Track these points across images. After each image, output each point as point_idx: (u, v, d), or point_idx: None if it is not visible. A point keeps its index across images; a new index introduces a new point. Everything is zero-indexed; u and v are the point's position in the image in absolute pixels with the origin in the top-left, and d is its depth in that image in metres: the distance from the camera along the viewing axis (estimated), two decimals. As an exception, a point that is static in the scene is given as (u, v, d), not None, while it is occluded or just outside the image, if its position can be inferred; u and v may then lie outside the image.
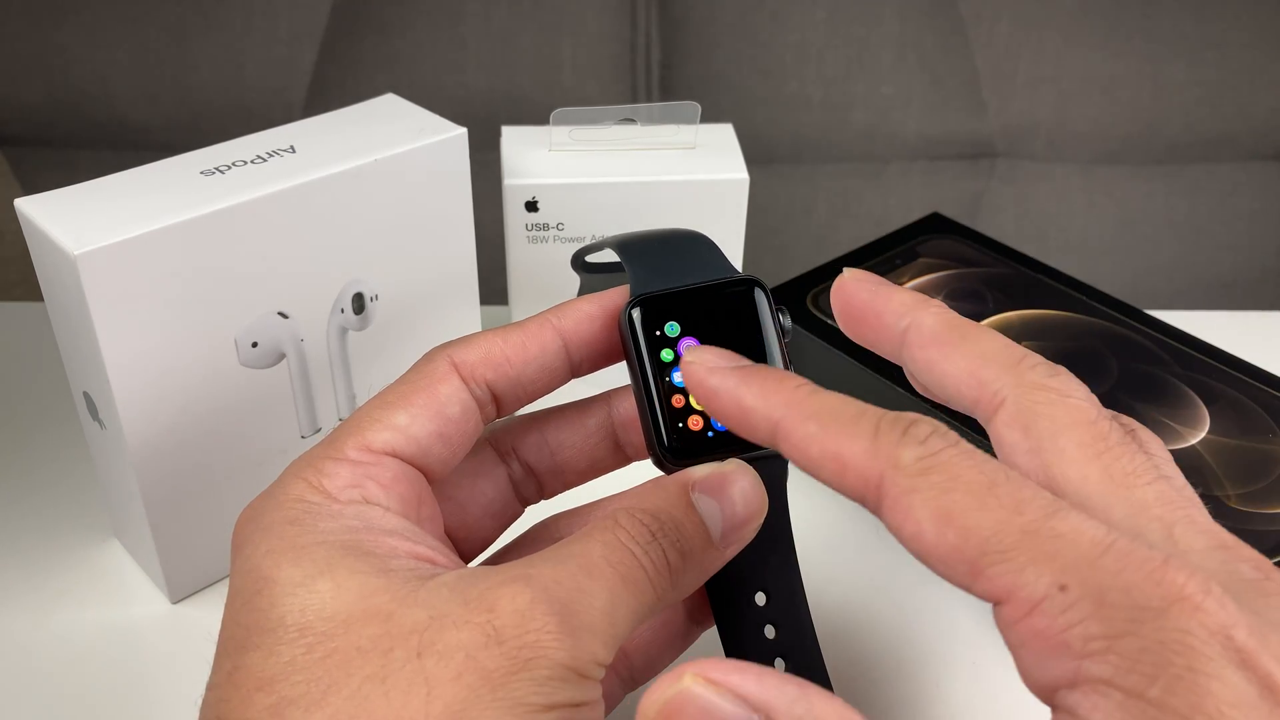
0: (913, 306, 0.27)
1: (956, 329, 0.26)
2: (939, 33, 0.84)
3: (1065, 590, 0.20)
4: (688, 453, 0.29)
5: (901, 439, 0.22)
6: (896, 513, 0.22)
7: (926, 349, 0.26)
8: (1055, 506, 0.21)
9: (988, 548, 0.21)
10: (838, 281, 0.28)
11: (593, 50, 0.83)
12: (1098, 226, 0.90)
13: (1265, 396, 0.43)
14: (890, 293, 0.27)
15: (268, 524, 0.26)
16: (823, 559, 0.42)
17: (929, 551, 0.22)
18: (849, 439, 0.23)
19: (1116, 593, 0.20)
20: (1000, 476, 0.22)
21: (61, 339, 0.37)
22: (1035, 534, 0.21)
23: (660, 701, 0.21)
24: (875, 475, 0.22)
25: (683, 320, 0.30)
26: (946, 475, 0.22)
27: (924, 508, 0.22)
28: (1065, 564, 0.20)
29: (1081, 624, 0.20)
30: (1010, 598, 0.21)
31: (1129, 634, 0.19)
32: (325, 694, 0.22)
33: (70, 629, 0.39)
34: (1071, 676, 0.20)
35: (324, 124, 0.41)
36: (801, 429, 0.24)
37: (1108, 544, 0.20)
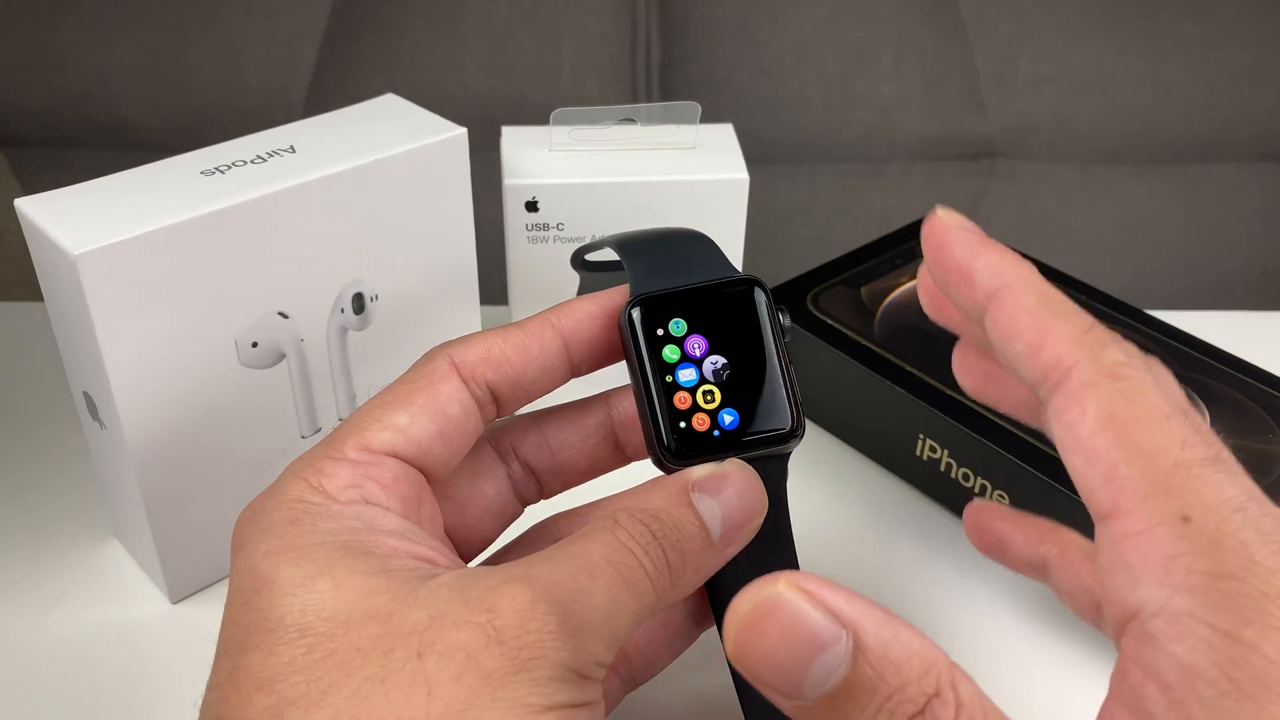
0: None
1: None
2: (939, 33, 0.84)
3: (1188, 522, 0.21)
4: (688, 453, 0.29)
5: (1112, 342, 0.23)
6: (1070, 400, 0.23)
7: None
8: (1215, 457, 0.22)
9: (1135, 460, 0.22)
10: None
11: (593, 50, 0.83)
12: (1098, 226, 0.90)
13: (1265, 396, 0.43)
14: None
15: (267, 524, 0.26)
16: (821, 558, 0.42)
17: (1079, 443, 0.22)
18: (1063, 320, 0.24)
19: (1235, 541, 0.21)
20: (1180, 416, 0.22)
21: (61, 339, 0.37)
22: (1185, 469, 0.21)
23: (753, 600, 0.21)
24: (1070, 360, 0.23)
25: (684, 319, 0.30)
26: (1134, 387, 0.22)
27: (1098, 402, 0.22)
28: (1197, 501, 0.21)
29: (1191, 555, 0.20)
30: (1130, 513, 0.21)
31: (1236, 578, 0.20)
32: (325, 694, 0.22)
33: (70, 629, 0.39)
34: (1162, 603, 0.21)
35: (324, 124, 0.41)
36: (1023, 298, 0.24)
37: (1243, 505, 0.21)
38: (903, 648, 0.21)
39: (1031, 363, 0.24)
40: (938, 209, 0.27)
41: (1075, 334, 0.23)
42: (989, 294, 0.25)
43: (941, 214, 0.27)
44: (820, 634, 0.21)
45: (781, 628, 0.21)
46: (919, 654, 0.21)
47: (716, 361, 0.29)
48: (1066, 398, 0.23)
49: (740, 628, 0.22)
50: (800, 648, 0.21)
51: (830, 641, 0.21)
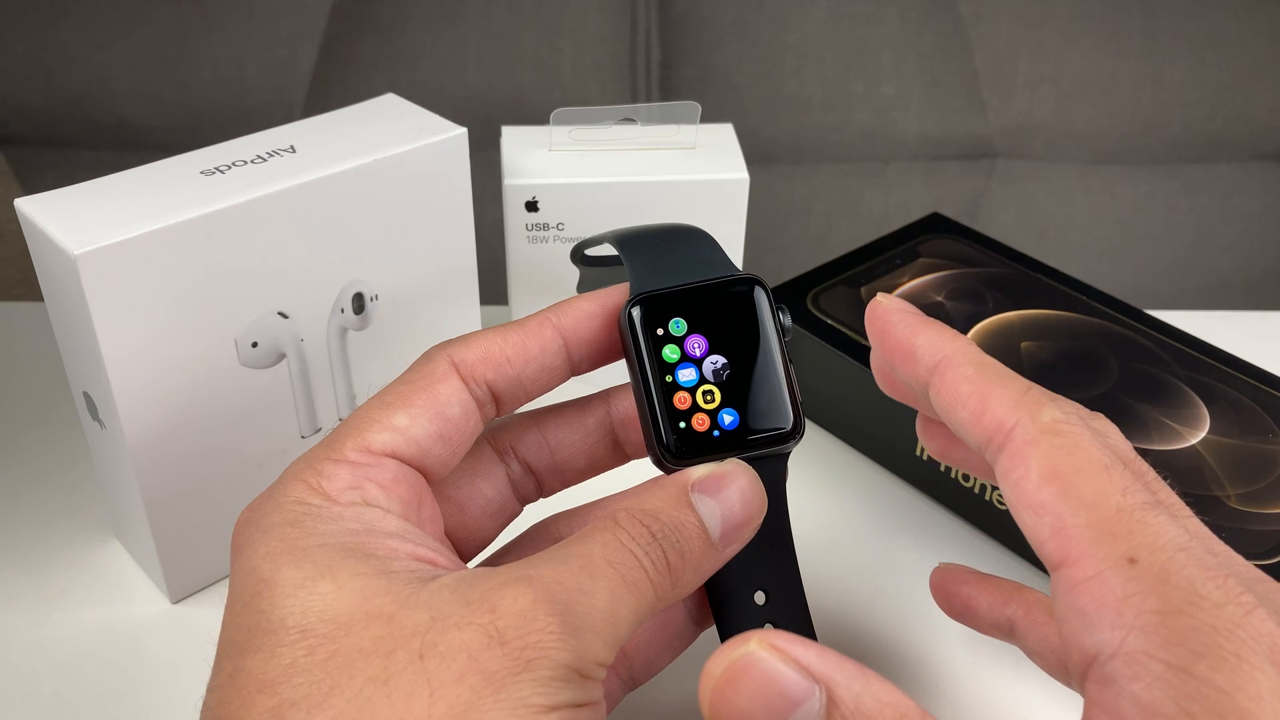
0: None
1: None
2: (939, 33, 0.84)
3: (1134, 563, 0.21)
4: (687, 452, 0.29)
5: (1048, 402, 0.25)
6: (1014, 458, 0.24)
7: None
8: (1154, 504, 0.23)
9: (1079, 510, 0.22)
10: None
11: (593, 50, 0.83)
12: (1098, 226, 0.90)
13: (1265, 396, 0.43)
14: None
15: (267, 526, 0.26)
16: (821, 558, 0.42)
17: (1026, 499, 0.23)
18: (1001, 387, 0.25)
19: (1180, 579, 0.21)
20: (1118, 465, 0.23)
21: (61, 339, 0.37)
22: (1127, 514, 0.22)
23: (726, 661, 0.22)
24: (1011, 422, 0.24)
25: (684, 318, 0.30)
26: (1072, 441, 0.24)
27: (1040, 459, 0.23)
28: (1141, 543, 0.22)
29: (1140, 595, 0.21)
30: (1079, 561, 0.22)
31: (1184, 614, 0.21)
32: (327, 696, 0.22)
33: (70, 629, 0.39)
34: (1117, 645, 0.21)
35: (324, 124, 0.41)
36: (962, 369, 0.26)
37: (1184, 545, 0.22)
38: (875, 700, 0.22)
39: (975, 428, 0.25)
40: (879, 296, 0.29)
41: (1013, 397, 0.25)
42: (930, 368, 0.27)
43: (881, 299, 0.29)
44: (793, 691, 0.22)
45: (755, 686, 0.22)
46: (891, 705, 0.22)
47: (716, 361, 0.29)
48: (1011, 457, 0.24)
49: (715, 688, 0.22)
50: (774, 705, 0.22)
51: (803, 697, 0.22)
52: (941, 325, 0.28)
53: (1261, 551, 0.37)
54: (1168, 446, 0.41)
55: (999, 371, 0.26)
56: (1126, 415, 0.42)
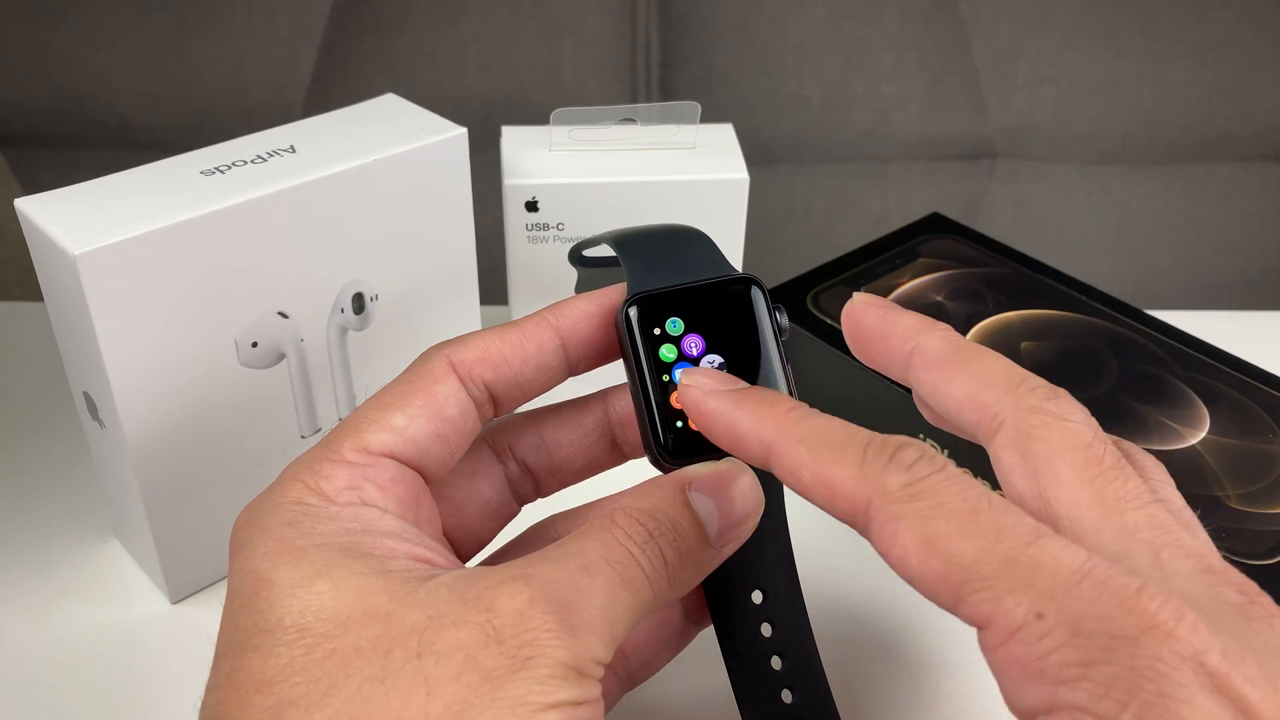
0: (918, 330, 0.27)
1: (960, 352, 0.26)
2: (939, 33, 0.84)
3: (1042, 618, 0.20)
4: (684, 452, 0.29)
5: (888, 465, 0.23)
6: (884, 538, 0.23)
7: (930, 371, 0.27)
8: (1035, 534, 0.21)
9: (969, 575, 0.21)
10: (847, 306, 0.29)
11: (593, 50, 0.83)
12: (1098, 226, 0.90)
13: (1265, 396, 0.43)
14: (898, 316, 0.28)
15: (265, 526, 0.26)
16: (820, 557, 0.42)
17: (915, 576, 0.22)
18: (837, 465, 0.24)
19: (1091, 620, 0.20)
20: (984, 504, 0.22)
21: (61, 339, 0.37)
22: (1015, 561, 0.21)
23: None
24: (863, 501, 0.23)
25: (680, 318, 0.30)
26: (931, 502, 0.22)
27: (909, 533, 0.22)
28: (1043, 592, 0.21)
29: (1058, 651, 0.20)
30: (990, 624, 0.21)
31: (1102, 661, 0.20)
32: (325, 695, 0.22)
33: (70, 629, 0.39)
34: (1049, 703, 0.20)
35: (324, 124, 0.41)
36: (792, 454, 0.25)
37: (1085, 571, 0.21)
38: None
39: (835, 513, 0.24)
40: (683, 376, 0.28)
41: (852, 472, 0.23)
42: (764, 455, 0.25)
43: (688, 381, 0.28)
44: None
45: None
46: None
47: (713, 360, 0.29)
48: (881, 540, 0.23)
49: None
50: None
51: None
52: (757, 394, 0.26)
53: (1262, 551, 0.37)
54: (1168, 446, 0.41)
55: (829, 440, 0.24)
56: (1126, 415, 0.42)
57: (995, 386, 0.25)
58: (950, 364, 0.26)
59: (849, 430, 0.24)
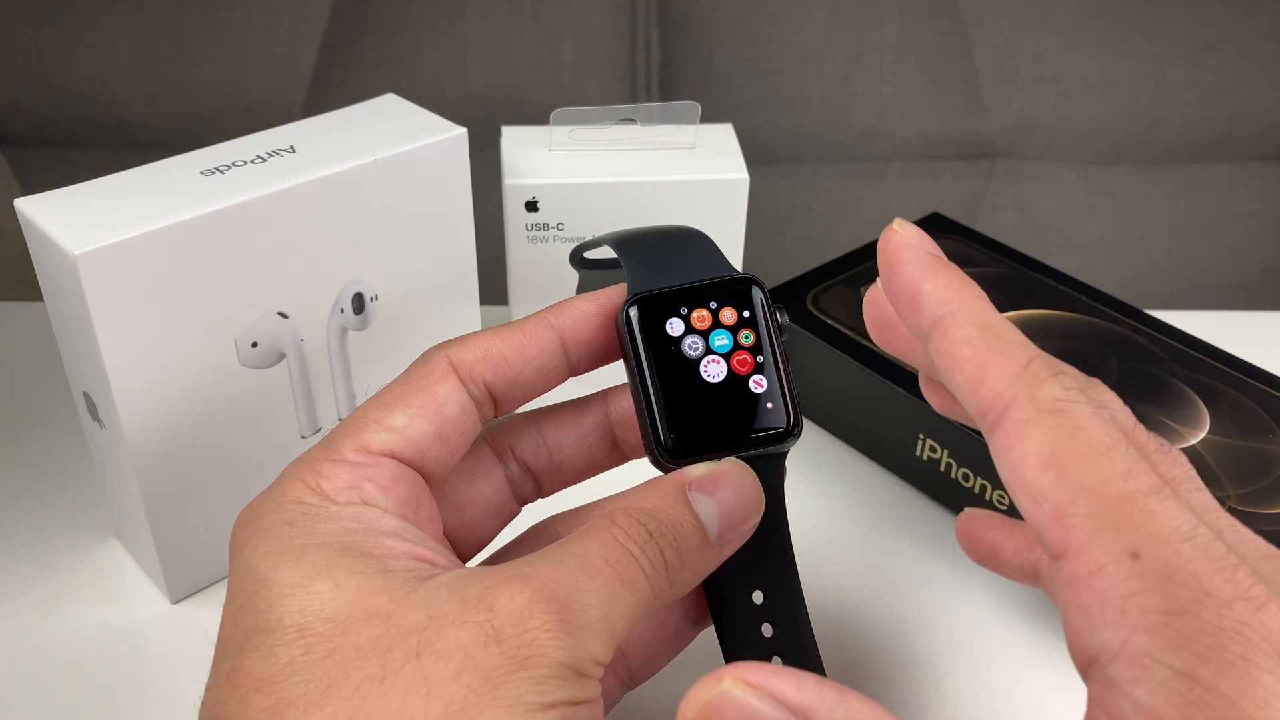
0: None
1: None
2: (939, 33, 0.84)
3: (1137, 558, 0.21)
4: (685, 452, 0.29)
5: (1050, 377, 0.23)
6: (1009, 436, 0.23)
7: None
8: (1160, 487, 0.22)
9: (1079, 498, 0.21)
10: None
11: (593, 50, 0.83)
12: (1098, 226, 0.90)
13: (1265, 396, 0.43)
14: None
15: (265, 525, 0.26)
16: (820, 557, 0.42)
17: (1023, 483, 0.22)
18: (1002, 355, 0.24)
19: (1186, 574, 0.20)
20: (1122, 446, 0.22)
21: (61, 339, 0.37)
22: (1130, 502, 0.21)
23: (699, 704, 0.21)
24: (1009, 396, 0.23)
25: (681, 319, 0.30)
26: (1072, 422, 0.22)
27: (1038, 440, 0.22)
28: (1145, 536, 0.21)
29: (1144, 593, 0.20)
30: (1081, 553, 0.21)
31: (1190, 614, 0.20)
32: (324, 694, 0.22)
33: (70, 629, 0.39)
34: (1120, 645, 0.20)
35: (324, 124, 0.41)
36: (963, 330, 0.24)
37: (1191, 534, 0.21)
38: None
39: (973, 397, 0.24)
40: (895, 223, 0.27)
41: (1013, 369, 0.23)
42: (933, 320, 0.25)
43: (897, 228, 0.27)
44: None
45: None
46: None
47: (714, 360, 0.29)
48: (1006, 435, 0.23)
49: None
50: None
51: None
52: (954, 271, 0.26)
53: (1260, 551, 0.37)
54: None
55: (1003, 336, 0.24)
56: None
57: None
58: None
59: (1022, 338, 0.25)
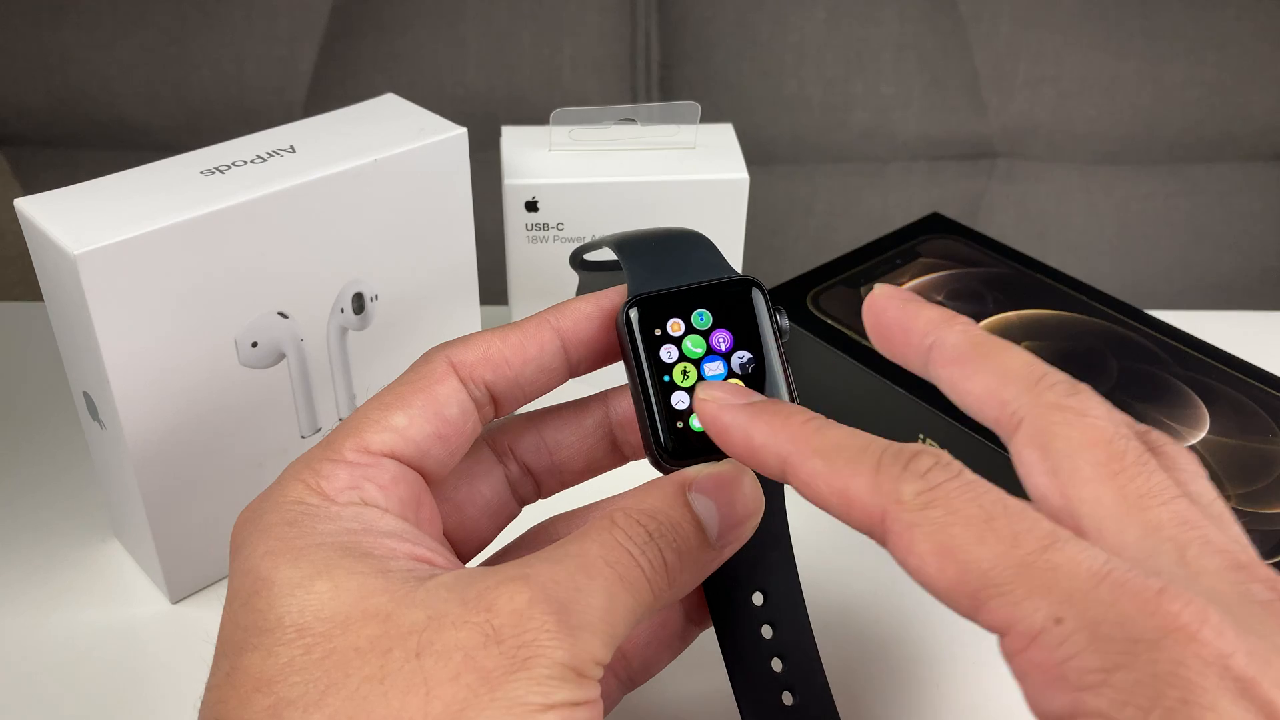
0: (938, 324, 0.27)
1: (979, 347, 0.26)
2: (939, 33, 0.84)
3: (1061, 623, 0.20)
4: (685, 453, 0.29)
5: (902, 474, 0.23)
6: (900, 547, 0.22)
7: (949, 367, 0.26)
8: (1052, 538, 0.21)
9: (986, 581, 0.21)
10: (869, 298, 0.28)
11: (593, 50, 0.83)
12: (1098, 226, 0.90)
13: (1265, 396, 0.43)
14: (918, 309, 0.27)
15: (266, 525, 0.26)
16: (820, 559, 0.42)
17: (933, 584, 0.22)
18: (852, 475, 0.23)
19: (1110, 625, 0.20)
20: (999, 509, 0.22)
21: (61, 339, 0.37)
22: (1031, 566, 0.21)
23: None
24: (879, 511, 0.23)
25: (682, 320, 0.30)
26: (946, 509, 0.22)
27: (925, 542, 0.22)
28: (1061, 596, 0.20)
29: (1078, 656, 0.20)
30: (1010, 630, 0.21)
31: (1124, 667, 0.19)
32: (324, 694, 0.22)
33: (70, 629, 0.39)
34: (1072, 708, 0.20)
35: (324, 124, 0.41)
36: (808, 466, 0.24)
37: (1104, 574, 0.20)
38: None
39: (855, 525, 0.24)
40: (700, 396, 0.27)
41: (869, 482, 0.23)
42: (780, 471, 0.25)
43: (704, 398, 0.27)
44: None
45: None
46: None
47: (714, 361, 0.29)
48: (897, 546, 0.23)
49: None
50: None
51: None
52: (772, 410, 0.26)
53: (1262, 552, 0.37)
54: (1167, 446, 0.41)
55: (845, 450, 0.24)
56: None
57: (1014, 383, 0.25)
58: (969, 360, 0.26)
59: (864, 440, 0.24)
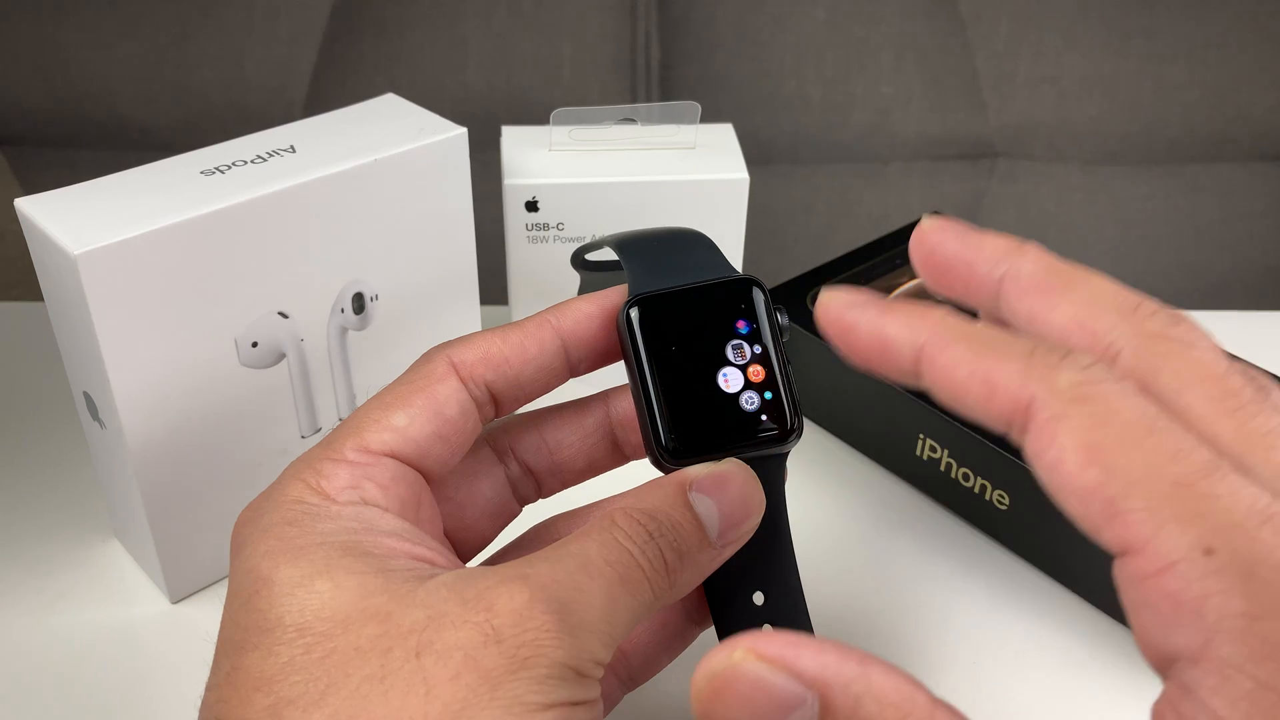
0: (1009, 252, 0.24)
1: (1061, 274, 0.24)
2: (939, 33, 0.84)
3: (1211, 554, 0.18)
4: (685, 452, 0.29)
5: (1060, 362, 0.21)
6: (1041, 438, 0.20)
7: (1027, 298, 0.24)
8: (1217, 464, 0.19)
9: (1132, 491, 0.19)
10: (916, 232, 0.26)
11: (593, 50, 0.83)
12: (1098, 226, 0.90)
13: (1265, 396, 0.43)
14: (981, 239, 0.25)
15: (266, 525, 0.26)
16: (821, 558, 0.42)
17: (1066, 484, 0.20)
18: (1000, 359, 0.21)
19: (1270, 569, 0.18)
20: (1162, 421, 0.20)
21: (61, 339, 0.37)
22: (1189, 487, 0.19)
23: (709, 674, 0.20)
24: (1026, 397, 0.21)
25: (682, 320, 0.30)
26: (1103, 407, 0.20)
27: (1071, 436, 0.20)
28: (1216, 526, 0.18)
29: (1222, 594, 0.18)
30: (1145, 550, 0.19)
31: (1276, 618, 0.18)
32: (324, 694, 0.22)
33: (70, 629, 0.39)
34: (1197, 650, 0.18)
35: (324, 124, 0.41)
36: (949, 351, 0.22)
37: (1269, 515, 0.19)
38: (875, 700, 0.20)
39: (991, 413, 0.22)
40: (821, 297, 0.25)
41: (1019, 366, 0.21)
42: (914, 355, 0.23)
43: (823, 299, 0.25)
44: (783, 699, 0.20)
45: (742, 698, 0.20)
46: (894, 704, 0.20)
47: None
48: (1038, 438, 0.21)
49: (701, 700, 0.21)
50: (764, 716, 0.20)
51: (795, 705, 0.20)
52: (907, 304, 0.24)
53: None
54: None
55: (991, 340, 0.22)
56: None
57: (1108, 311, 0.22)
58: (1051, 288, 0.23)
59: (1011, 334, 0.22)
